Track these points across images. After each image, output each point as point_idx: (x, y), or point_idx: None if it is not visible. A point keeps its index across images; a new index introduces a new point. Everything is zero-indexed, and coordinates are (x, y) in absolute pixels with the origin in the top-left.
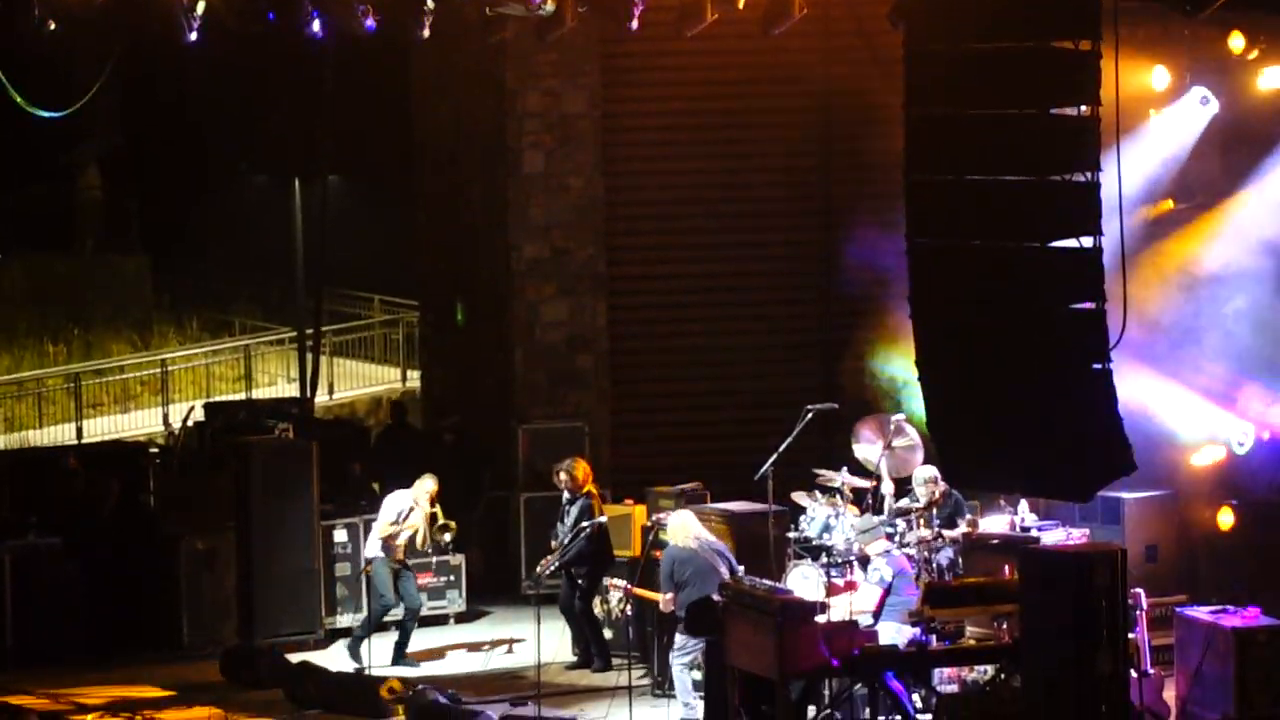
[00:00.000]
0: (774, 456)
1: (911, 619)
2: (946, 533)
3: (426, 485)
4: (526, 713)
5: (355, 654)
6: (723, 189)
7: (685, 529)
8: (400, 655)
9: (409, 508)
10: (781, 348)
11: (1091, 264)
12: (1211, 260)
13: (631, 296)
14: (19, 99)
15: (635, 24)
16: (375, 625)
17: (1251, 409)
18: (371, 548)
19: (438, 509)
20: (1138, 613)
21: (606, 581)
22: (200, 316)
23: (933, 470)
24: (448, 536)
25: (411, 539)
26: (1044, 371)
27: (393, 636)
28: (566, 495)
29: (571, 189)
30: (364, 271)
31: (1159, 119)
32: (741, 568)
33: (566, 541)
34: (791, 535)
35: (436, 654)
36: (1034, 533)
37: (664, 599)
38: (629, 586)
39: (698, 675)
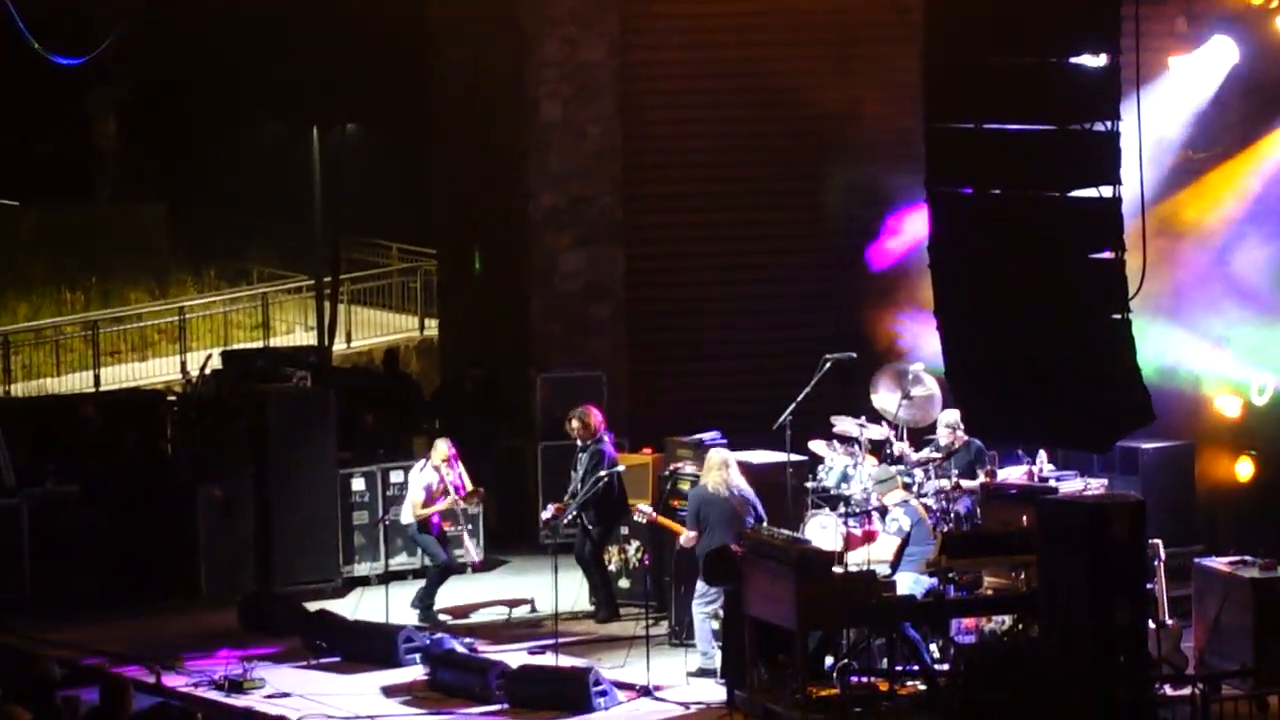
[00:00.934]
0: (792, 406)
1: (929, 569)
2: (964, 483)
3: (441, 450)
4: (544, 662)
5: (428, 616)
6: (740, 137)
7: (717, 471)
8: (423, 606)
9: (434, 479)
10: (800, 296)
11: (1111, 213)
12: (1229, 209)
13: (649, 245)
14: (36, 45)
15: None
16: (438, 583)
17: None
18: (406, 516)
19: (461, 471)
20: (1155, 563)
21: (631, 503)
22: (218, 265)
23: (956, 414)
24: (476, 502)
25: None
26: (1063, 321)
27: (414, 585)
28: (579, 443)
29: (589, 137)
30: (382, 219)
31: (1178, 68)
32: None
33: (580, 489)
34: (810, 485)
35: (455, 604)
36: (1052, 483)
37: (687, 535)
38: (653, 514)
39: (717, 624)
